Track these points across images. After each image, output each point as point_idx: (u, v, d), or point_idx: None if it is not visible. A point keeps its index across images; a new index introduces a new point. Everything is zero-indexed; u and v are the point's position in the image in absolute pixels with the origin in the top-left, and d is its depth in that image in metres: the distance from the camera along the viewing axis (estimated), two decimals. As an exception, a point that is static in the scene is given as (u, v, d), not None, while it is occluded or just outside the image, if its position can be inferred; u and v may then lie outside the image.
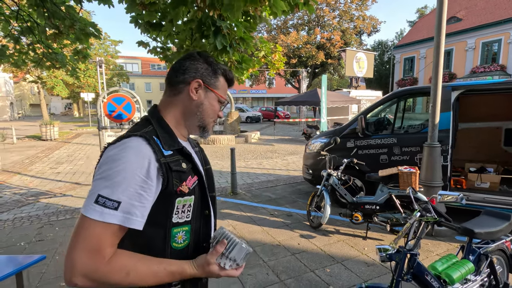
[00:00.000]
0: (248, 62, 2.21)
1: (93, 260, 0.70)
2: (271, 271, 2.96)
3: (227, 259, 0.85)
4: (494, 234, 2.01)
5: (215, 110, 0.98)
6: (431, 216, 1.62)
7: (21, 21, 3.80)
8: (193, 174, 0.89)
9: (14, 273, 2.12)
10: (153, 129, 0.87)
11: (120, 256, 0.76)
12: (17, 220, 4.37)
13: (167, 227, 0.84)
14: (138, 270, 0.76)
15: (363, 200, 3.67)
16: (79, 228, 0.72)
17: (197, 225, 0.91)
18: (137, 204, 0.75)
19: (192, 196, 0.87)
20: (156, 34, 2.88)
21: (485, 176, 4.04)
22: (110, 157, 0.77)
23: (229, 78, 1.01)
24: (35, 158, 9.52)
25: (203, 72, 0.93)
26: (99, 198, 0.72)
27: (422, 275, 1.73)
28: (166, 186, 0.80)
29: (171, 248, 0.85)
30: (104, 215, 0.71)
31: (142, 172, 0.75)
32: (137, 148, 0.78)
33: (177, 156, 0.86)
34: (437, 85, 3.62)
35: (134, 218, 0.74)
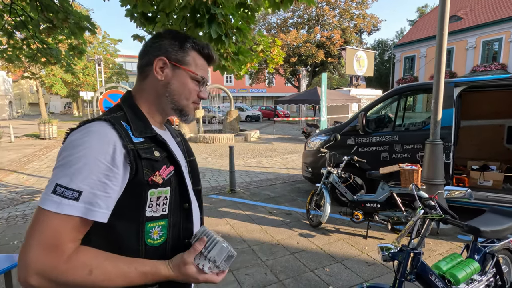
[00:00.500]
0: (246, 53, 2.12)
1: (50, 257, 0.62)
2: (269, 270, 2.89)
3: (206, 259, 0.77)
4: (501, 233, 1.94)
5: (189, 89, 0.86)
6: (437, 213, 1.55)
7: (14, 15, 3.72)
8: (169, 163, 0.80)
9: (3, 272, 2.05)
10: (123, 114, 0.79)
11: (83, 252, 0.67)
12: (11, 219, 4.29)
13: (140, 221, 0.75)
14: (103, 269, 0.67)
15: (363, 199, 3.59)
16: (35, 221, 0.64)
17: (175, 219, 0.82)
18: (100, 194, 0.66)
19: (167, 187, 0.79)
20: (151, 27, 2.80)
21: (488, 174, 3.97)
22: (71, 143, 0.69)
23: (204, 53, 0.88)
24: (32, 157, 9.44)
25: (167, 48, 0.83)
26: (57, 188, 0.64)
27: (426, 275, 1.66)
28: (135, 175, 0.72)
29: (145, 245, 0.76)
30: (63, 206, 0.63)
31: (107, 159, 0.68)
32: (100, 132, 0.70)
33: (149, 143, 0.78)
34: (440, 81, 3.54)
35: (97, 210, 0.66)
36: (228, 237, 3.62)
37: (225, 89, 15.07)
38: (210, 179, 6.61)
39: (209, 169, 7.67)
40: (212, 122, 19.54)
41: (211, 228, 3.63)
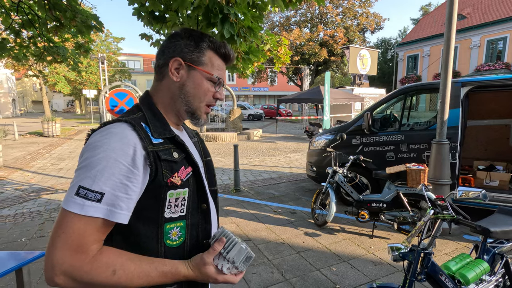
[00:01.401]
0: (256, 53, 2.13)
1: (75, 257, 0.64)
2: (276, 269, 2.90)
3: (225, 260, 0.77)
4: (510, 234, 1.94)
5: (204, 90, 0.84)
6: (449, 214, 1.55)
7: (21, 14, 3.73)
8: (187, 165, 0.81)
9: (14, 269, 2.07)
10: (142, 115, 0.79)
11: (106, 253, 0.68)
12: (18, 216, 4.33)
13: (159, 222, 0.76)
14: (126, 268, 0.68)
15: (369, 198, 3.59)
16: (60, 223, 0.65)
17: (194, 220, 0.83)
18: (122, 195, 0.67)
19: (186, 188, 0.79)
20: (159, 26, 2.80)
21: (494, 174, 3.96)
22: (92, 144, 0.70)
23: (221, 52, 0.86)
24: (36, 154, 9.50)
25: (182, 48, 0.82)
26: (80, 190, 0.65)
27: (436, 275, 1.66)
28: (155, 176, 0.73)
29: (165, 246, 0.77)
30: (86, 208, 0.64)
31: (127, 160, 0.68)
32: (121, 134, 0.70)
33: (168, 144, 0.78)
34: (447, 80, 3.53)
35: (119, 211, 0.67)
36: (234, 236, 3.63)
37: (227, 87, 15.06)
38: (214, 178, 6.62)
39: (212, 167, 7.69)
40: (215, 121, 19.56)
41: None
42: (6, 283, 2.69)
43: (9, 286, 2.64)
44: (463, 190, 1.60)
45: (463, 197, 1.57)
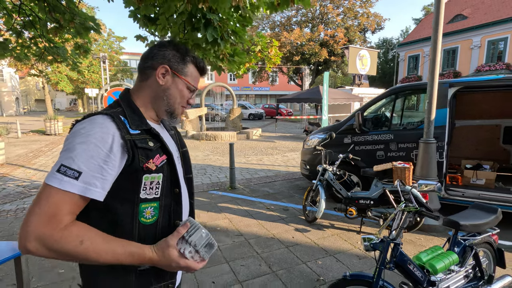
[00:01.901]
0: (241, 55, 2.25)
1: (48, 225, 0.71)
2: (264, 262, 3.02)
3: (187, 243, 0.83)
4: (480, 227, 2.04)
5: (183, 96, 1.00)
6: (413, 206, 1.66)
7: (23, 15, 3.87)
8: (162, 153, 0.91)
9: (12, 258, 2.20)
10: (121, 110, 0.90)
11: (77, 225, 0.76)
12: (19, 211, 4.47)
13: (135, 202, 0.85)
14: (94, 241, 0.75)
15: (357, 195, 3.70)
16: (39, 195, 0.74)
17: (166, 202, 0.92)
18: (98, 175, 0.76)
19: (160, 173, 0.89)
20: (154, 28, 2.92)
21: (480, 173, 4.05)
22: (76, 131, 0.80)
23: (199, 66, 1.02)
24: (39, 152, 9.67)
25: (170, 58, 0.95)
26: (61, 167, 0.74)
27: (404, 264, 1.77)
28: (132, 161, 0.82)
29: (139, 223, 0.86)
30: (64, 183, 0.73)
31: (106, 147, 0.78)
32: (101, 124, 0.81)
33: (144, 135, 0.88)
34: (434, 81, 3.63)
35: (94, 189, 0.76)
36: (226, 231, 3.76)
37: (228, 87, 15.19)
38: (211, 176, 6.75)
39: (210, 165, 7.82)
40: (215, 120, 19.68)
41: (210, 222, 3.80)
42: (5, 272, 2.83)
43: (8, 275, 2.78)
44: (422, 183, 1.71)
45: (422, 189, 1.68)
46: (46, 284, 2.64)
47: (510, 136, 5.01)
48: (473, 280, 2.11)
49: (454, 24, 22.76)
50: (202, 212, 4.41)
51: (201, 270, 2.87)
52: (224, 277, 2.75)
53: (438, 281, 1.88)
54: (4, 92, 32.43)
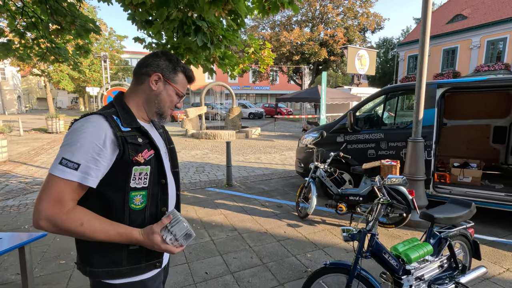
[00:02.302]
0: (231, 58, 2.39)
1: (55, 208, 0.88)
2: (255, 255, 3.16)
3: (169, 232, 0.99)
4: (453, 220, 2.18)
5: (172, 101, 1.15)
6: (385, 199, 1.79)
7: (26, 17, 4.01)
8: (150, 148, 1.05)
9: (17, 247, 2.35)
10: (115, 110, 1.05)
11: (78, 210, 0.93)
12: (22, 206, 4.63)
13: (126, 190, 1.00)
14: (91, 223, 0.92)
15: (347, 192, 3.84)
16: (46, 183, 0.90)
17: (154, 191, 1.06)
18: (93, 166, 0.91)
19: (148, 166, 1.03)
20: (151, 30, 3.06)
21: (467, 171, 4.18)
22: (74, 129, 0.95)
23: (188, 75, 1.16)
24: (40, 150, 9.84)
25: (163, 67, 1.10)
26: (63, 160, 0.89)
27: (380, 253, 1.91)
28: (123, 155, 0.97)
29: (129, 209, 1.01)
30: (66, 174, 0.88)
31: (99, 142, 0.92)
32: (96, 122, 0.95)
33: (134, 132, 1.02)
34: (421, 82, 3.76)
35: (90, 178, 0.91)
36: (221, 226, 3.90)
37: (227, 86, 15.32)
38: (209, 173, 6.90)
39: (209, 164, 7.96)
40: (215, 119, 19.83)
41: (206, 218, 3.97)
42: (10, 263, 2.98)
43: (12, 266, 2.93)
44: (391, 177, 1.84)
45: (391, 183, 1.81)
46: (48, 274, 2.79)
47: (499, 136, 5.13)
48: (448, 270, 2.24)
49: (453, 24, 22.82)
50: (199, 208, 4.56)
51: (196, 262, 3.01)
52: (217, 268, 2.90)
53: (413, 269, 2.01)
54: (6, 90, 32.65)
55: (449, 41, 22.57)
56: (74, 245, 1.07)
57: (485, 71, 19.91)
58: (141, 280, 1.07)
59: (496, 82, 3.71)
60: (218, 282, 2.68)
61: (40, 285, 2.63)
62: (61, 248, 3.28)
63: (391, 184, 1.76)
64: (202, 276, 2.77)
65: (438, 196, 4.05)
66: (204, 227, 3.85)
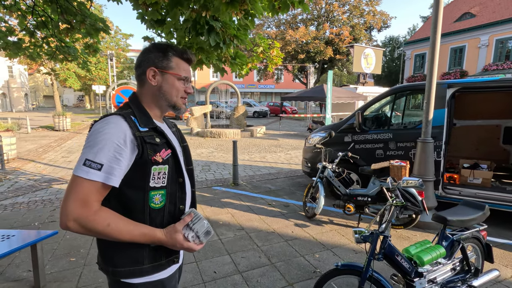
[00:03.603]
0: (242, 57, 2.38)
1: (83, 209, 0.89)
2: (264, 254, 3.16)
3: (191, 230, 1.02)
4: (467, 222, 2.15)
5: (177, 88, 1.10)
6: (399, 201, 1.78)
7: (36, 16, 4.04)
8: (167, 147, 1.06)
9: (30, 245, 2.38)
10: (131, 111, 1.05)
11: (105, 211, 0.94)
12: (31, 203, 4.69)
13: (146, 190, 1.01)
14: (117, 224, 0.94)
15: (355, 192, 3.82)
16: (72, 184, 0.90)
17: (172, 189, 1.07)
18: (115, 166, 0.92)
19: (166, 165, 1.04)
20: (161, 29, 3.07)
21: (477, 172, 4.13)
22: (95, 130, 0.95)
23: (184, 57, 1.11)
24: (48, 147, 9.94)
25: (154, 59, 1.07)
26: (86, 161, 0.90)
27: (393, 255, 1.89)
28: (141, 155, 0.97)
29: (149, 208, 1.02)
30: (90, 174, 0.89)
31: (120, 142, 0.93)
32: (116, 123, 0.96)
33: (151, 132, 1.03)
34: (432, 82, 3.71)
35: (113, 177, 0.92)
36: (228, 225, 3.91)
37: (232, 84, 15.32)
38: (215, 172, 6.91)
39: (214, 162, 7.98)
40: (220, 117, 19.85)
41: (213, 217, 3.99)
42: (22, 259, 3.02)
43: (24, 262, 2.96)
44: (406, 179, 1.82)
45: (406, 185, 1.80)
46: (59, 271, 2.82)
47: (510, 136, 5.05)
48: (461, 273, 2.22)
49: (461, 23, 22.50)
50: (206, 207, 4.57)
51: (204, 261, 3.02)
52: (225, 268, 2.90)
53: (425, 272, 1.99)
54: (14, 88, 33.03)
55: (457, 40, 22.27)
56: (83, 243, 1.09)
57: (493, 70, 19.62)
58: (160, 280, 1.08)
59: (509, 82, 3.65)
60: (227, 282, 2.69)
61: (51, 282, 2.66)
62: (71, 245, 3.31)
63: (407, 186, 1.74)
64: (211, 275, 2.78)
65: (447, 197, 4.01)
66: (212, 226, 3.85)
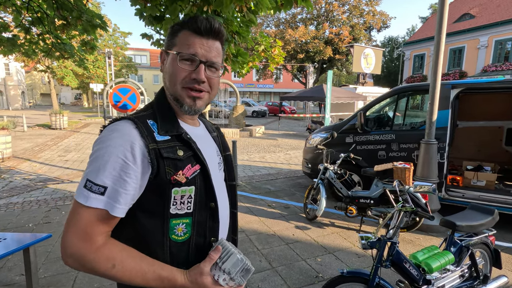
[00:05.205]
0: (244, 55, 2.29)
1: (81, 244, 0.69)
2: (264, 258, 3.08)
3: (221, 270, 0.76)
4: (476, 228, 2.08)
5: (177, 70, 0.80)
6: (409, 206, 1.70)
7: (31, 12, 3.93)
8: (194, 162, 0.81)
9: (22, 249, 2.28)
10: (152, 112, 0.82)
11: (110, 247, 0.72)
12: (26, 204, 4.58)
13: (165, 217, 0.78)
14: (125, 265, 0.72)
15: (358, 194, 3.75)
16: (72, 211, 0.72)
17: (201, 218, 0.83)
18: (121, 190, 0.71)
19: (192, 186, 0.80)
20: (159, 26, 2.97)
21: (481, 174, 4.07)
22: (99, 139, 0.75)
23: (192, 27, 0.80)
24: (44, 146, 9.81)
25: (166, 41, 0.86)
26: (87, 183, 0.70)
27: (401, 263, 1.82)
28: (157, 173, 0.75)
29: (170, 240, 0.79)
30: (90, 200, 0.69)
31: (127, 156, 0.71)
32: (123, 131, 0.74)
33: (173, 142, 0.79)
34: (436, 82, 3.64)
35: (117, 206, 0.71)
36: (228, 227, 3.82)
37: (231, 84, 15.22)
38: (214, 172, 6.81)
39: (213, 162, 7.88)
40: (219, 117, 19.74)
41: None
42: (14, 263, 2.92)
43: (16, 266, 2.87)
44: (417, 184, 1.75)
45: (417, 190, 1.72)
46: (52, 275, 2.73)
47: None
48: (469, 279, 2.15)
49: (461, 23, 22.51)
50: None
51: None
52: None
53: (434, 279, 1.92)
54: (10, 86, 32.74)
55: (456, 41, 22.27)
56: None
57: (492, 71, 19.64)
58: None
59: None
60: (227, 287, 2.60)
61: (44, 286, 2.57)
62: (66, 248, 3.22)
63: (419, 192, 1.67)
64: (210, 280, 2.70)
65: (450, 200, 3.95)
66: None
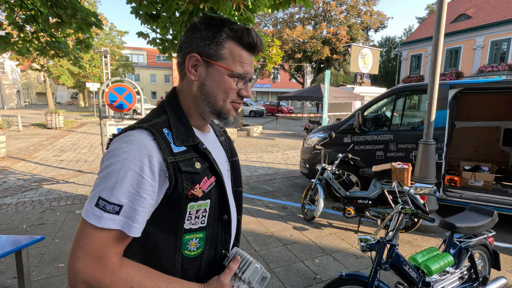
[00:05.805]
0: (241, 54, 2.26)
1: (95, 269, 0.63)
2: (262, 260, 3.05)
3: (240, 281, 0.77)
4: (475, 229, 2.06)
5: (226, 88, 0.75)
6: (409, 208, 1.68)
7: (25, 10, 3.87)
8: (210, 174, 0.77)
9: (14, 251, 2.22)
10: (166, 119, 0.75)
11: (126, 268, 0.67)
12: (20, 204, 4.51)
13: (178, 233, 0.74)
14: (144, 286, 0.67)
15: (356, 195, 3.72)
16: (80, 233, 0.64)
17: (213, 231, 0.80)
18: (139, 208, 0.65)
19: (207, 200, 0.76)
20: (156, 25, 2.93)
21: (479, 175, 4.07)
22: (112, 152, 0.67)
23: (244, 42, 0.74)
24: (39, 146, 9.70)
25: (199, 42, 0.73)
26: (100, 201, 0.63)
27: (400, 265, 1.79)
28: (174, 189, 0.70)
29: (182, 256, 0.76)
30: (104, 221, 0.63)
31: (145, 172, 0.65)
32: (139, 143, 0.67)
33: (190, 153, 0.74)
34: (434, 82, 3.63)
35: (135, 225, 0.65)
36: (225, 228, 3.78)
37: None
38: (211, 172, 6.77)
39: (210, 162, 7.84)
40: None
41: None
42: (7, 265, 2.86)
43: (9, 269, 2.81)
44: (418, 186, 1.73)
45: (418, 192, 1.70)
46: (46, 278, 2.68)
47: (509, 138, 5.01)
48: (468, 281, 2.14)
49: (457, 24, 22.64)
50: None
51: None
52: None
53: (433, 282, 1.90)
54: (5, 85, 32.40)
55: (453, 41, 22.40)
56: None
57: (488, 71, 19.77)
58: None
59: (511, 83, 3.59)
60: (223, 289, 2.57)
61: (37, 290, 2.52)
62: (59, 250, 3.16)
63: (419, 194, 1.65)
64: (207, 282, 2.66)
65: (448, 200, 3.94)
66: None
